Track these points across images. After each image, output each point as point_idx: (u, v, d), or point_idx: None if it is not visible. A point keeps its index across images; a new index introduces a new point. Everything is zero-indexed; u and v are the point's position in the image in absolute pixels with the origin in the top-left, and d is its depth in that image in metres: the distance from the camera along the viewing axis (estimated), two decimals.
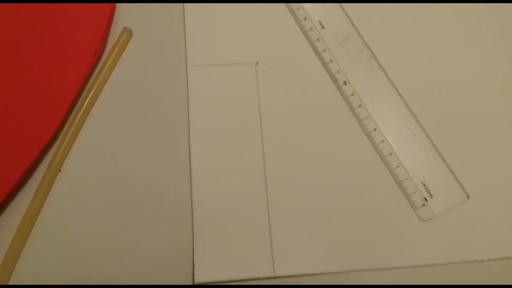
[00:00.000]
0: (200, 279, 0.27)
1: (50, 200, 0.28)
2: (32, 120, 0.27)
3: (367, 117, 0.30)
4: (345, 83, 0.31)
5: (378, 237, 0.28)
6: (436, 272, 0.28)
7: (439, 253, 0.28)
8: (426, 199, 0.29)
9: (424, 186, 0.29)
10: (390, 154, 0.30)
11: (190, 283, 0.27)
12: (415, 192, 0.29)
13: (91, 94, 0.29)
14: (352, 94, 0.31)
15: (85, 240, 0.27)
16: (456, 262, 0.28)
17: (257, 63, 0.31)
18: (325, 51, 0.32)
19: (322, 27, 0.32)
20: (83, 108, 0.29)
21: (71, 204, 0.28)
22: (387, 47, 0.32)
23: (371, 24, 0.33)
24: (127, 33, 0.31)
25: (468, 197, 0.29)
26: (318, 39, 0.32)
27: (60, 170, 0.28)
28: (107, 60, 0.30)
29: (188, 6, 0.32)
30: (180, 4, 0.32)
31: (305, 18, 0.32)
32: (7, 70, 0.28)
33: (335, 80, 0.31)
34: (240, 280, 0.27)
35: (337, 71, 0.31)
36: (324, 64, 0.31)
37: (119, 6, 0.31)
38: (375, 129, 0.30)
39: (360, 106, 0.31)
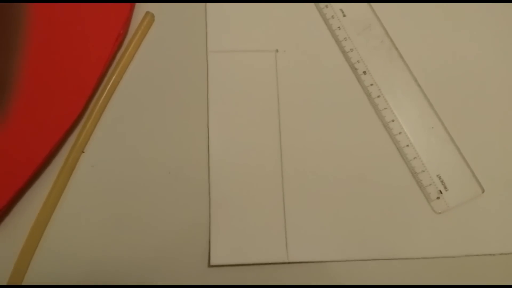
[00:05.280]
0: (215, 261, 0.28)
1: (73, 180, 0.29)
2: (57, 102, 0.28)
3: (385, 108, 0.30)
4: (364, 72, 0.31)
5: (391, 228, 0.29)
6: (448, 264, 0.28)
7: (451, 246, 0.29)
8: (441, 192, 0.29)
9: (440, 178, 0.29)
10: (407, 145, 0.30)
11: (206, 265, 0.28)
12: (430, 184, 0.29)
13: (113, 78, 0.30)
14: (372, 84, 0.31)
15: (105, 219, 0.28)
16: (469, 255, 0.29)
17: (277, 50, 0.31)
18: (345, 40, 0.31)
19: (344, 15, 0.32)
20: (106, 91, 0.30)
21: (93, 184, 0.29)
22: (408, 36, 0.32)
23: (392, 13, 0.32)
24: (149, 18, 0.31)
25: (483, 191, 0.29)
26: (339, 27, 0.32)
27: (83, 152, 0.29)
28: (130, 44, 0.31)
29: None
30: None
31: (326, 6, 0.32)
32: (33, 55, 0.28)
33: (354, 70, 0.31)
34: (254, 264, 0.28)
35: (357, 61, 0.31)
36: (344, 53, 0.31)
37: None
38: (393, 120, 0.30)
39: (379, 96, 0.31)
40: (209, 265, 0.28)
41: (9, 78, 0.28)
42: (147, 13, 0.31)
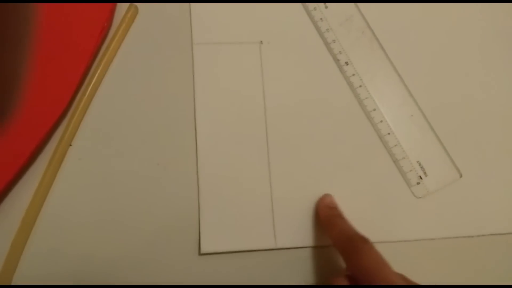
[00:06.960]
0: (206, 249, 0.28)
1: (61, 174, 0.29)
2: (43, 96, 0.28)
3: (367, 97, 0.31)
4: (346, 63, 0.32)
5: (374, 213, 0.30)
6: (428, 246, 0.30)
7: (431, 229, 0.30)
8: (421, 177, 0.30)
9: (420, 165, 0.30)
10: (388, 133, 0.31)
11: (197, 253, 0.29)
12: (410, 170, 0.30)
13: (99, 71, 0.30)
14: (353, 75, 0.32)
15: (95, 212, 0.28)
16: (448, 238, 0.30)
17: (261, 42, 0.32)
18: (328, 31, 0.32)
19: (326, 7, 0.32)
20: (92, 84, 0.30)
21: (81, 177, 0.29)
22: (388, 27, 0.33)
23: (373, 5, 0.33)
24: (133, 10, 0.31)
25: (461, 176, 0.31)
26: (321, 18, 0.32)
27: (71, 145, 0.29)
28: (114, 37, 0.31)
29: None
30: None
31: None
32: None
33: (337, 61, 0.32)
34: (244, 251, 0.29)
35: (339, 51, 0.32)
36: (327, 44, 0.32)
37: None
38: (374, 109, 0.31)
39: (360, 86, 0.31)
40: (200, 253, 0.28)
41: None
42: (131, 5, 0.31)
